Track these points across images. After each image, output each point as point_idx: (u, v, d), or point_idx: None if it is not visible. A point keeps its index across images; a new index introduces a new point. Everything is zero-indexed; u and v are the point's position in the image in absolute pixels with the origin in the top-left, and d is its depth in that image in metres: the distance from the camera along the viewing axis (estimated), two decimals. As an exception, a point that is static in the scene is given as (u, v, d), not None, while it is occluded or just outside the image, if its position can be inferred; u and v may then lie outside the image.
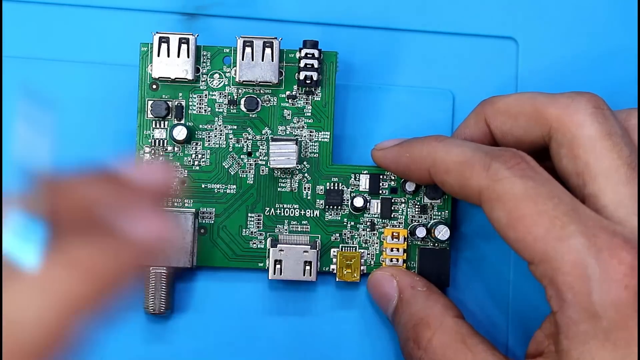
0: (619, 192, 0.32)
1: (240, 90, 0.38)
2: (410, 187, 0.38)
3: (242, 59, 0.37)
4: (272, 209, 0.38)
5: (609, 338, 0.30)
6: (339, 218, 0.38)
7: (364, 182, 0.38)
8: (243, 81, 0.38)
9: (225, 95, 0.38)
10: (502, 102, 0.36)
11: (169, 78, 0.37)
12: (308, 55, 0.38)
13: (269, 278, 0.37)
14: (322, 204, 0.38)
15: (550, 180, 0.32)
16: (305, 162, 0.38)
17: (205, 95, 0.38)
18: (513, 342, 0.39)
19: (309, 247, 0.37)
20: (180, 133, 0.37)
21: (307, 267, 0.37)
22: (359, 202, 0.38)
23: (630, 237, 0.31)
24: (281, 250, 0.37)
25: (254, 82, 0.38)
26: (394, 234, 0.38)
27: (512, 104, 0.35)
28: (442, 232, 0.38)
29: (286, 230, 0.38)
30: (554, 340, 0.32)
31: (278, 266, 0.37)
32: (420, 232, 0.38)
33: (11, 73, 0.39)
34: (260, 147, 0.38)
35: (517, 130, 0.35)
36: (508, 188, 0.32)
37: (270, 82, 0.38)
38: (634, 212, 0.32)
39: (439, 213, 0.38)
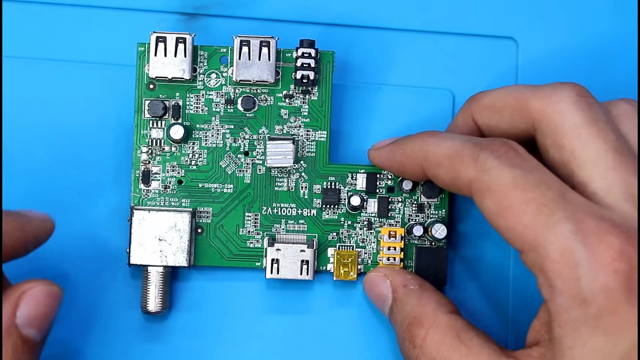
0: (607, 178, 0.32)
1: (237, 90, 0.38)
2: (407, 185, 0.38)
3: (239, 59, 0.38)
4: (269, 208, 0.38)
5: (599, 324, 0.30)
6: (336, 217, 0.38)
7: (361, 181, 0.38)
8: (240, 80, 0.38)
9: (222, 95, 0.38)
10: (487, 97, 0.36)
11: (166, 77, 0.37)
12: (305, 55, 0.38)
13: (266, 277, 0.37)
14: (319, 203, 0.38)
15: (539, 168, 0.32)
16: (302, 162, 0.38)
17: (202, 94, 0.38)
18: (513, 339, 0.39)
19: (306, 246, 0.37)
20: (177, 132, 0.37)
21: (304, 266, 0.37)
22: (355, 200, 0.38)
23: (620, 222, 0.30)
24: (278, 249, 0.37)
25: (250, 81, 0.38)
26: (391, 232, 0.38)
27: (497, 98, 0.35)
28: (439, 231, 0.37)
29: (283, 229, 0.38)
30: (548, 328, 0.31)
31: (275, 265, 0.37)
32: (417, 231, 0.38)
33: (11, 73, 0.39)
34: (257, 146, 0.38)
35: (503, 124, 0.35)
36: (496, 177, 0.31)
37: (267, 82, 0.38)
38: (623, 197, 0.31)
39: (436, 212, 0.38)
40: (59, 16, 0.40)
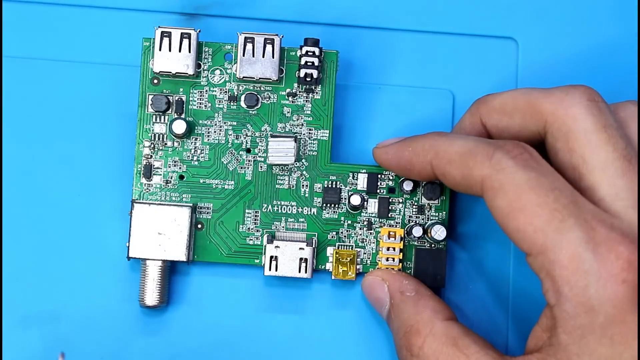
0: (615, 185, 0.32)
1: (240, 87, 0.38)
2: (407, 186, 0.38)
3: (243, 55, 0.38)
4: (270, 206, 0.38)
5: (606, 333, 0.30)
6: (336, 216, 0.38)
7: (362, 181, 0.38)
8: (243, 77, 0.38)
9: (226, 92, 0.38)
10: (497, 100, 0.36)
11: (170, 72, 0.37)
12: (309, 53, 0.38)
13: (265, 274, 0.37)
14: (319, 202, 0.38)
15: (553, 172, 0.32)
16: (303, 160, 0.38)
17: (206, 91, 0.38)
18: (513, 342, 0.39)
19: (305, 244, 0.37)
20: (179, 127, 0.37)
21: (303, 264, 0.37)
22: (356, 199, 0.38)
23: (628, 231, 0.31)
24: (277, 246, 0.37)
25: (254, 78, 0.38)
26: (391, 233, 0.38)
27: (507, 101, 0.35)
28: (439, 232, 0.37)
29: (283, 227, 0.38)
30: (552, 334, 0.31)
31: (274, 262, 0.37)
32: (417, 232, 0.38)
33: (11, 73, 0.39)
34: (260, 143, 0.38)
35: (513, 127, 0.35)
36: (510, 178, 0.32)
37: (270, 79, 0.38)
38: (631, 205, 0.32)
39: (437, 214, 0.38)
40: (58, 16, 0.40)
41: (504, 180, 0.32)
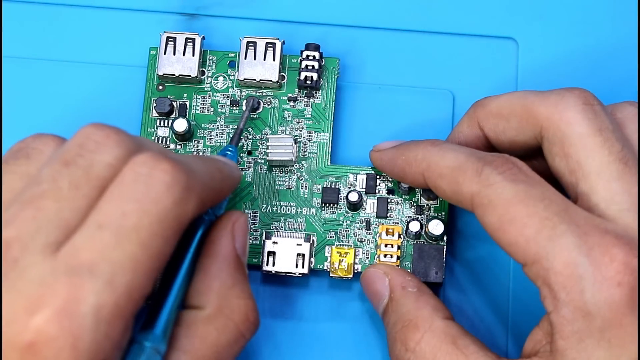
0: (610, 189, 0.32)
1: (243, 93, 0.39)
2: (405, 184, 0.38)
3: (245, 58, 0.38)
4: (269, 206, 0.39)
5: (604, 336, 0.30)
6: (335, 216, 0.39)
7: (361, 182, 0.39)
8: (244, 79, 0.38)
9: (229, 97, 0.39)
10: (494, 103, 0.36)
11: (174, 75, 0.38)
12: (309, 57, 0.38)
13: (263, 269, 0.38)
14: (318, 202, 0.39)
15: (542, 183, 0.32)
16: (303, 162, 0.39)
17: (209, 96, 0.39)
18: (513, 343, 0.39)
19: (303, 240, 0.38)
20: (180, 125, 0.38)
21: (300, 260, 0.38)
22: (353, 196, 0.38)
23: (622, 234, 0.31)
24: (275, 242, 0.38)
25: (255, 80, 0.38)
26: (389, 230, 0.38)
27: (503, 105, 0.35)
28: (436, 227, 0.38)
29: (282, 227, 0.39)
30: (550, 339, 0.32)
31: (271, 258, 0.38)
32: (414, 227, 0.38)
33: (11, 73, 0.39)
34: (260, 146, 0.39)
35: (509, 131, 0.35)
36: (499, 192, 0.32)
37: (270, 80, 0.38)
38: (626, 207, 0.32)
39: (436, 214, 0.39)
40: (58, 16, 0.40)
41: (492, 196, 0.32)
